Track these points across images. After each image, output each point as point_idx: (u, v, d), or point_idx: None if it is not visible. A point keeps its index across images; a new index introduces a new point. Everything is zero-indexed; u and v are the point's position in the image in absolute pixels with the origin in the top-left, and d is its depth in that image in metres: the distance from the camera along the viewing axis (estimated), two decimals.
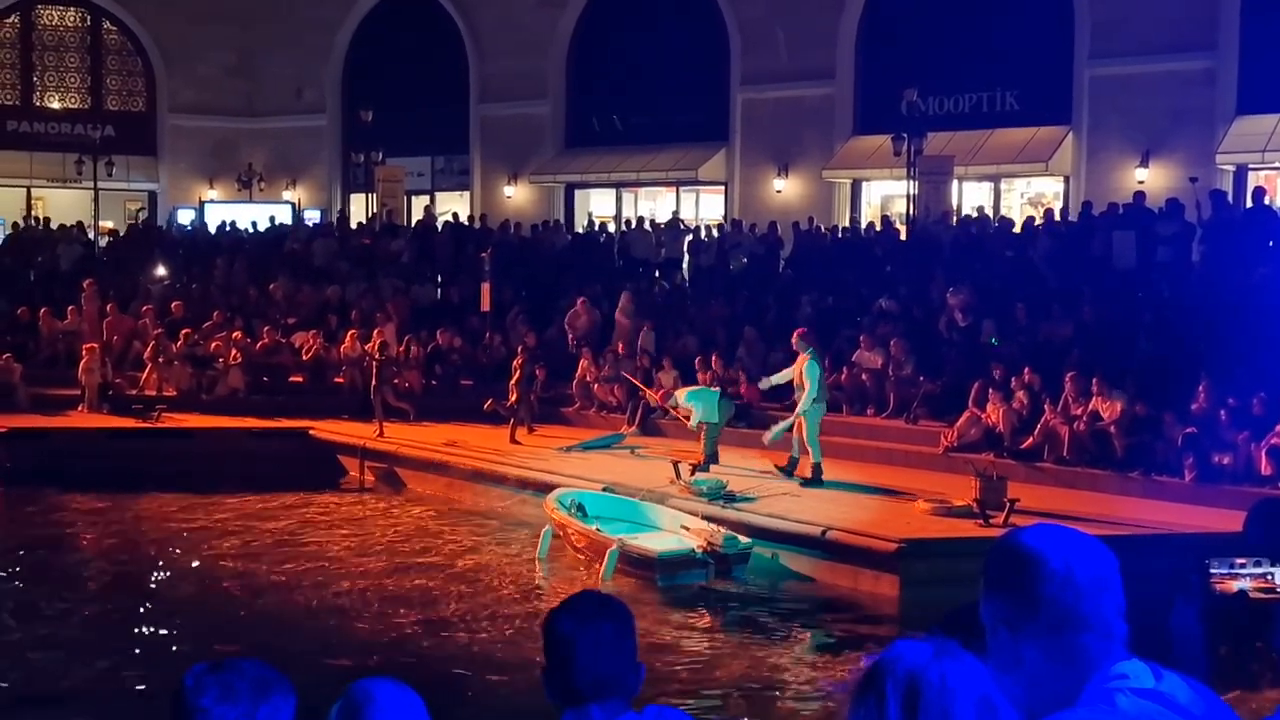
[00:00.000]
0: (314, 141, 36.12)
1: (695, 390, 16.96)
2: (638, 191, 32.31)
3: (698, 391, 16.85)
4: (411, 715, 2.60)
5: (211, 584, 13.68)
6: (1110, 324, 17.52)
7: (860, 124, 27.79)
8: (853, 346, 18.91)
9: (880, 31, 27.52)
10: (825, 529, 13.32)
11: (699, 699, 10.14)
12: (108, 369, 21.16)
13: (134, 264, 26.85)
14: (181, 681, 2.15)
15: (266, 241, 29.03)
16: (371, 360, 19.71)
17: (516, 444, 18.39)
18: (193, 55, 36.04)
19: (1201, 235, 19.16)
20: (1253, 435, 14.36)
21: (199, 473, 18.21)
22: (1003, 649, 2.14)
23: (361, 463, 18.93)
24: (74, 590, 13.69)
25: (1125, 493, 14.78)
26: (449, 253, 25.95)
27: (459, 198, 33.87)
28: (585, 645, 2.75)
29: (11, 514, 17.30)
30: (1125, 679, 2.08)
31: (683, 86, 29.89)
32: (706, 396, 16.59)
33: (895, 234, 23.71)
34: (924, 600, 11.67)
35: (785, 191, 28.47)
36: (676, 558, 13.07)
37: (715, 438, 16.32)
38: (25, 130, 35.73)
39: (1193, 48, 23.30)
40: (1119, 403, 15.29)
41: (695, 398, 16.60)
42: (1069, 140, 25.15)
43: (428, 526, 16.19)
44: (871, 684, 1.86)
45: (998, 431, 16.17)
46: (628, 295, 21.84)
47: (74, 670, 11.00)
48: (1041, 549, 2.14)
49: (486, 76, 33.06)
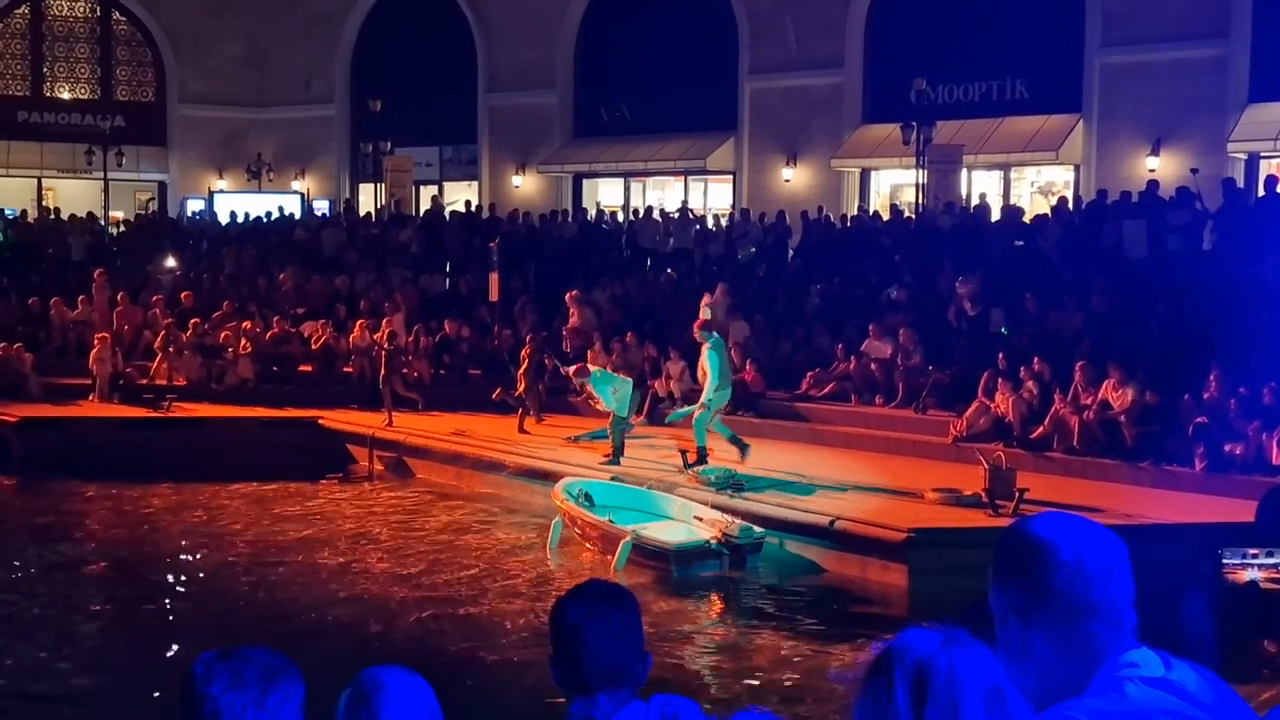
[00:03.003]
0: (323, 131, 36.16)
1: (606, 375, 16.27)
2: (646, 181, 32.30)
3: (608, 377, 16.18)
4: (421, 703, 2.61)
5: (220, 572, 13.72)
6: (1121, 313, 17.47)
7: (869, 113, 27.73)
8: (862, 336, 18.89)
9: (889, 20, 27.45)
10: (834, 519, 13.32)
11: (707, 687, 10.15)
12: (118, 359, 21.22)
13: (144, 254, 26.91)
14: (191, 669, 2.15)
15: (275, 231, 29.05)
16: (380, 350, 19.75)
17: (525, 433, 18.41)
18: (202, 45, 36.09)
19: (1212, 224, 19.10)
20: (1264, 425, 14.32)
21: (209, 462, 18.26)
22: (1012, 638, 2.14)
23: (370, 452, 18.97)
24: (84, 578, 13.74)
25: (1135, 482, 14.75)
26: (458, 243, 25.96)
27: (467, 187, 33.89)
28: (593, 633, 2.75)
29: (23, 502, 17.38)
30: (1135, 668, 2.07)
31: (691, 76, 29.86)
32: (620, 385, 15.98)
33: (904, 223, 23.67)
34: (933, 590, 11.67)
35: (794, 181, 28.43)
36: (692, 549, 13.06)
37: (623, 430, 15.96)
38: (35, 121, 35.82)
39: (1204, 35, 23.20)
40: (1129, 392, 15.26)
41: (604, 385, 15.92)
42: (1079, 129, 25.07)
43: (436, 516, 16.21)
44: (880, 672, 1.86)
45: (1007, 421, 16.15)
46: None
47: (83, 658, 11.05)
48: (1051, 538, 2.13)
49: (495, 66, 33.05)
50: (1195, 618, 9.27)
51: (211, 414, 20.15)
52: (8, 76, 36.20)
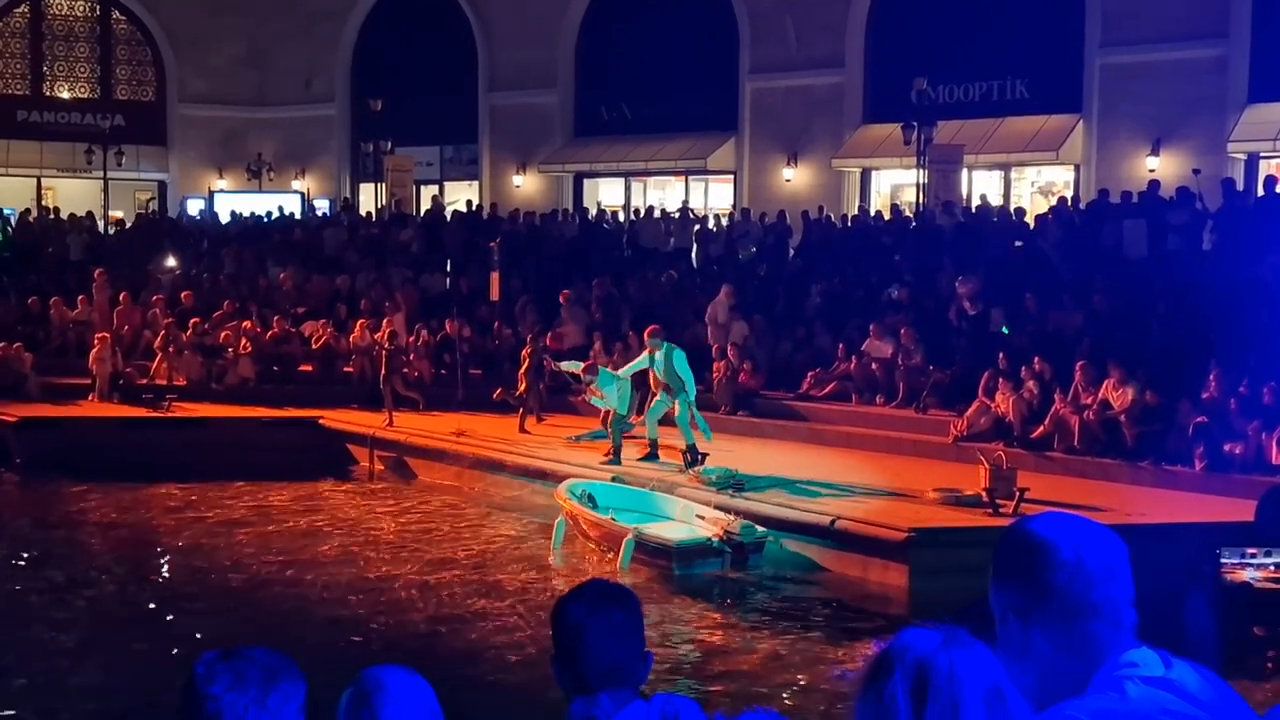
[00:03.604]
0: (323, 131, 36.16)
1: (612, 375, 16.47)
2: (646, 181, 32.31)
3: (615, 377, 16.38)
4: (422, 703, 2.61)
5: (221, 572, 13.72)
6: (1121, 313, 17.47)
7: (870, 113, 27.73)
8: (862, 336, 18.89)
9: (890, 20, 27.45)
10: (835, 518, 13.32)
11: (708, 687, 10.15)
12: (118, 358, 21.21)
13: (144, 254, 26.91)
14: (192, 669, 2.16)
15: (275, 230, 29.05)
16: (381, 349, 19.75)
17: (525, 433, 18.42)
18: (202, 45, 36.10)
19: (1212, 224, 19.10)
20: (1263, 424, 14.33)
21: (209, 462, 18.24)
22: (1012, 637, 2.14)
23: (371, 452, 18.97)
24: (84, 578, 13.74)
25: (1135, 482, 14.76)
26: (458, 242, 25.96)
27: (468, 187, 33.90)
28: (595, 632, 2.75)
29: (22, 502, 17.38)
30: (1135, 667, 2.08)
31: (692, 76, 29.86)
32: (622, 385, 16.24)
33: (905, 223, 23.67)
34: (933, 589, 11.68)
35: (794, 181, 28.43)
36: (694, 547, 13.06)
37: (622, 430, 16.21)
38: (35, 120, 35.82)
39: (1204, 36, 23.20)
40: (1129, 392, 15.26)
41: (611, 384, 16.24)
42: (1079, 129, 25.07)
43: (437, 515, 16.22)
44: (881, 672, 1.86)
45: (1007, 421, 16.15)
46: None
47: (84, 658, 11.04)
48: (1051, 537, 2.14)
49: (495, 66, 33.06)
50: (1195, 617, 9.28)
51: (211, 414, 20.15)
52: (7, 75, 36.20)
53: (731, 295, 20.34)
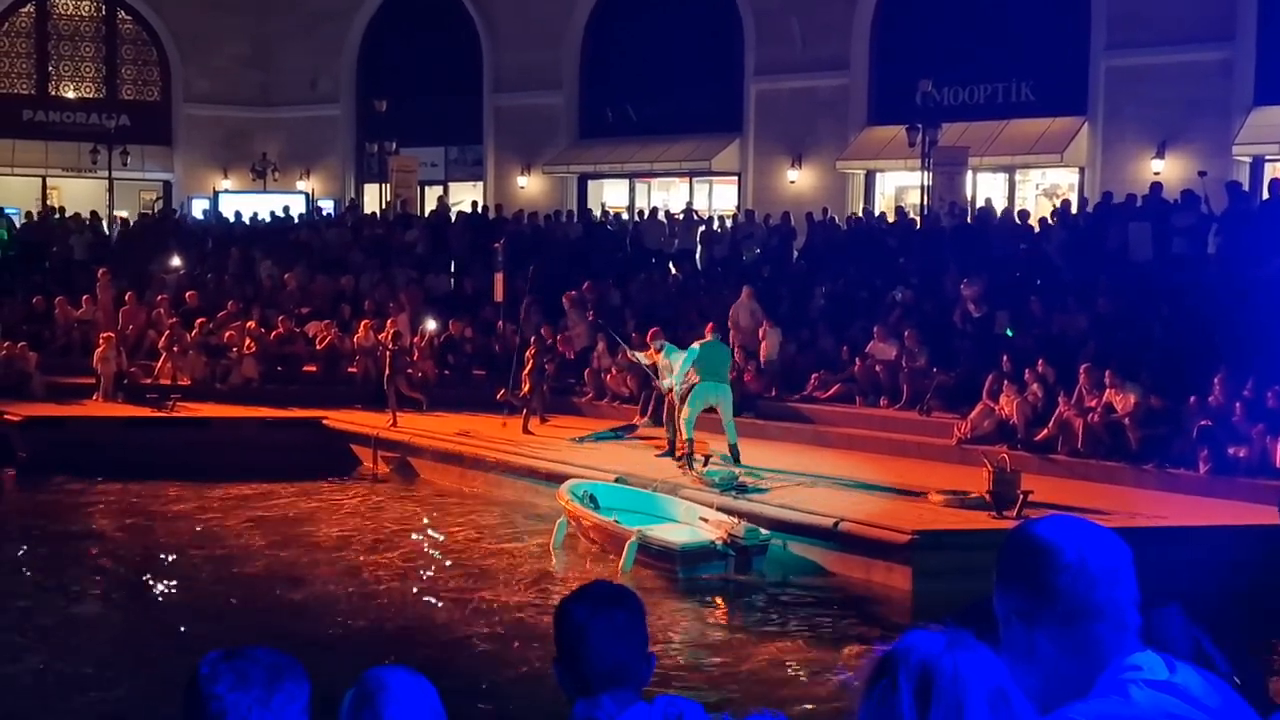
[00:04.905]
0: (328, 131, 36.18)
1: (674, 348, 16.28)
2: (651, 182, 32.30)
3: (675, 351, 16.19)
4: (424, 703, 2.61)
5: (225, 572, 13.73)
6: (1125, 316, 17.46)
7: (874, 114, 27.72)
8: (866, 337, 18.88)
9: (895, 21, 27.44)
10: (838, 520, 13.31)
11: (711, 688, 10.14)
12: (123, 358, 21.22)
13: (148, 253, 26.93)
14: (196, 669, 2.16)
15: (280, 230, 29.08)
16: (385, 350, 19.76)
17: (529, 434, 18.41)
18: (207, 45, 36.12)
19: (1217, 227, 19.08)
20: (1268, 428, 14.30)
21: (213, 462, 18.26)
22: (1016, 640, 2.14)
23: (375, 452, 18.97)
24: (88, 578, 13.76)
25: (1139, 485, 14.73)
26: (463, 243, 25.98)
27: (472, 188, 33.91)
28: (597, 634, 2.75)
29: (27, 502, 17.39)
30: (1139, 670, 2.07)
31: (696, 77, 29.86)
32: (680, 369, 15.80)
33: (909, 225, 23.66)
34: (936, 592, 11.67)
35: (799, 182, 28.43)
36: (698, 550, 13.04)
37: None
38: (40, 120, 35.84)
39: (1210, 38, 23.18)
40: (1133, 395, 15.24)
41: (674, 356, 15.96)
42: (1084, 131, 25.06)
43: (441, 516, 16.22)
44: (884, 674, 1.85)
45: (1011, 423, 16.13)
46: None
47: (88, 658, 11.05)
48: (1055, 540, 2.13)
49: (500, 67, 33.07)
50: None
51: (215, 414, 20.15)
52: (13, 75, 36.23)
53: (753, 297, 20.25)
